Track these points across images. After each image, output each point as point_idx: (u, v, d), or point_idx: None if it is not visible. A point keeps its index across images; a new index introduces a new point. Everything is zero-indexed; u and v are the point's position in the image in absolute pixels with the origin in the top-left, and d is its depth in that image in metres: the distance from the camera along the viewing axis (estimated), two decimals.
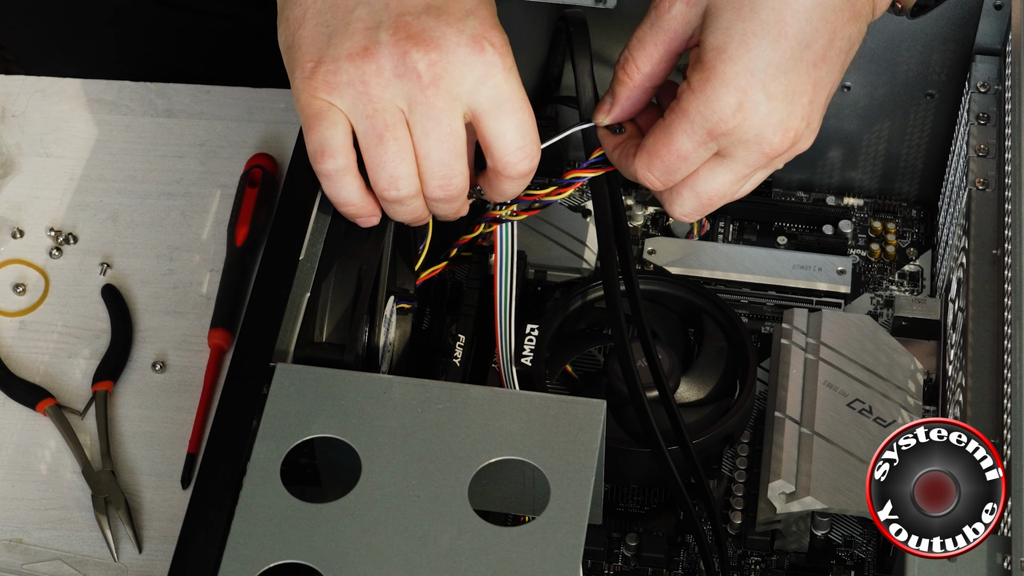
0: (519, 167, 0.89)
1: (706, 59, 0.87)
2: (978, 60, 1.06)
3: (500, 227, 0.97)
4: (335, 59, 0.87)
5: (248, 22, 1.37)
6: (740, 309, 1.10)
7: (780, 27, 0.86)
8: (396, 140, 0.88)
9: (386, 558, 0.79)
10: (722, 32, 0.86)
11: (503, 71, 0.87)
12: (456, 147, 0.88)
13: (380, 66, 0.86)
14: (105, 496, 1.03)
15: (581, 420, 0.84)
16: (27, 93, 1.24)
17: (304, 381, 0.86)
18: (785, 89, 0.87)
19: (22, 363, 1.10)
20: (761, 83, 0.86)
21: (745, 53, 0.86)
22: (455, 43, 0.86)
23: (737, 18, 0.86)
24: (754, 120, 0.87)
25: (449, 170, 0.89)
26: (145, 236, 1.16)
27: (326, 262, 0.93)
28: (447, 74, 0.86)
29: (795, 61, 0.87)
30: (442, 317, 1.10)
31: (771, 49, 0.86)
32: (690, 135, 0.88)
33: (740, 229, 1.15)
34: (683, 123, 0.87)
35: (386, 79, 0.86)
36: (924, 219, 1.16)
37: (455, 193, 0.90)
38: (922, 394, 1.02)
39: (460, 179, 0.90)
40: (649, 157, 0.89)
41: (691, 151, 0.88)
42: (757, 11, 0.86)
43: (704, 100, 0.87)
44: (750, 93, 0.86)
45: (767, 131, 0.88)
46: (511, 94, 0.88)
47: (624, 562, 1.00)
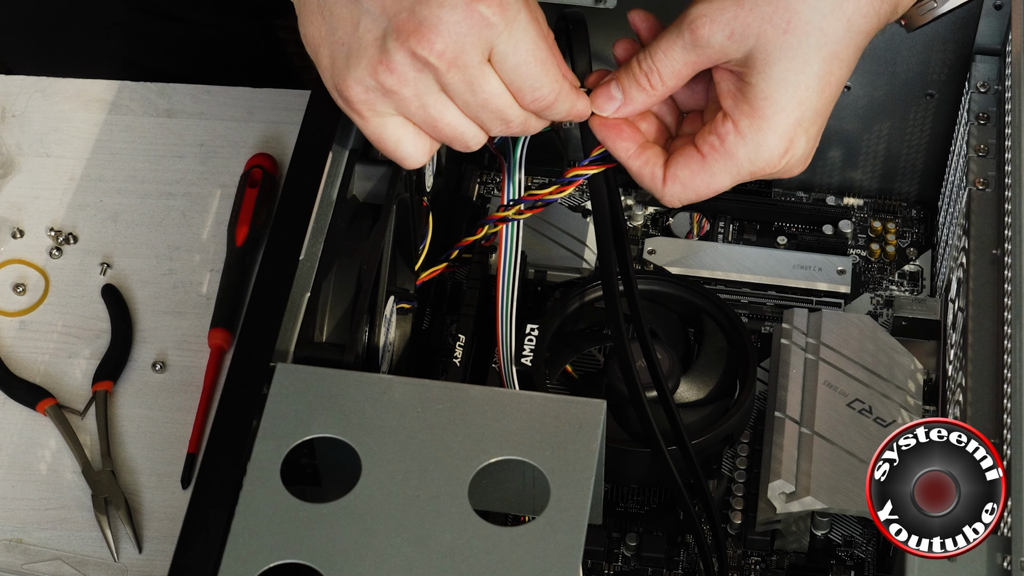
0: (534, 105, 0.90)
1: (758, 106, 0.88)
2: (978, 60, 1.06)
3: (506, 227, 0.97)
4: (359, 79, 0.88)
5: (236, 32, 1.38)
6: (740, 309, 1.10)
7: (828, 78, 0.88)
8: (449, 122, 0.90)
9: (386, 558, 0.79)
10: (775, 82, 0.87)
11: (504, 27, 0.87)
12: (498, 103, 0.89)
13: (400, 74, 0.87)
14: (105, 496, 1.03)
15: (581, 420, 0.84)
16: (27, 93, 1.24)
17: (304, 381, 0.86)
18: (818, 129, 0.90)
19: (22, 363, 1.10)
20: (804, 130, 0.89)
21: (797, 106, 0.88)
22: (451, 21, 0.86)
23: (791, 69, 0.87)
24: (792, 162, 0.89)
25: (503, 116, 0.90)
26: (145, 236, 1.16)
27: (326, 262, 0.93)
28: (457, 52, 0.87)
29: (829, 104, 0.90)
30: (442, 317, 1.10)
31: (818, 100, 0.88)
32: (732, 175, 0.89)
33: (740, 229, 1.15)
34: (728, 165, 0.89)
35: (411, 79, 0.88)
36: (924, 219, 1.16)
37: (517, 128, 0.91)
38: (922, 394, 1.02)
39: (518, 118, 0.91)
40: (683, 188, 0.90)
41: (727, 186, 0.90)
42: (809, 63, 0.87)
43: (754, 148, 0.88)
44: (796, 141, 0.88)
45: (796, 167, 0.91)
46: (516, 47, 0.88)
47: (624, 562, 1.00)
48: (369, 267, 0.93)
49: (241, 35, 1.39)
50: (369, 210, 0.97)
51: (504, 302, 0.96)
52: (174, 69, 1.35)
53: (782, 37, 0.87)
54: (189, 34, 1.36)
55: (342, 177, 0.96)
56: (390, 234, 0.95)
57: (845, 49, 0.88)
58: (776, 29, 0.87)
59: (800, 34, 0.87)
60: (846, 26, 0.87)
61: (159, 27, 1.35)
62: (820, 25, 0.87)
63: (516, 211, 0.97)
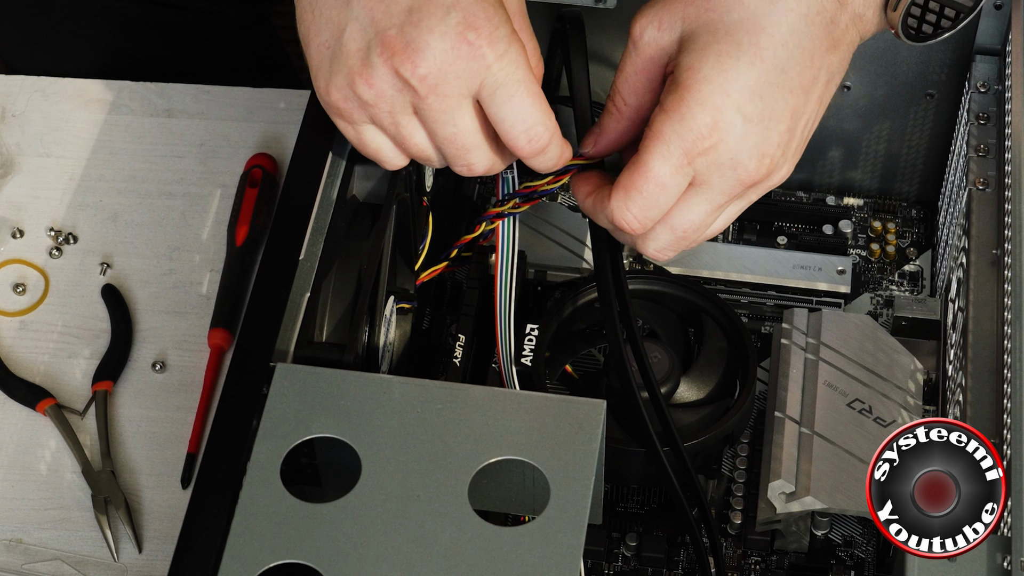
0: (529, 148, 0.89)
1: (680, 79, 0.86)
2: (978, 60, 1.06)
3: (502, 223, 0.97)
4: (339, 87, 0.88)
5: (231, 18, 1.37)
6: (740, 309, 1.10)
7: (755, 50, 0.85)
8: (416, 144, 0.90)
9: (386, 558, 0.79)
10: (696, 53, 0.86)
11: (495, 59, 0.86)
12: (465, 142, 0.89)
13: (379, 90, 0.87)
14: (105, 496, 1.03)
15: (581, 420, 0.84)
16: (27, 93, 1.24)
17: (304, 381, 0.86)
18: (761, 112, 0.86)
19: (22, 363, 1.10)
20: (736, 104, 0.85)
21: (720, 73, 0.85)
22: (439, 48, 0.85)
23: (712, 40, 0.86)
24: (729, 141, 0.85)
25: (466, 159, 0.89)
26: (145, 236, 1.16)
27: (326, 262, 0.93)
28: (440, 80, 0.86)
29: (771, 86, 0.86)
30: (442, 317, 1.10)
31: (747, 71, 0.85)
32: (666, 158, 0.86)
33: (740, 229, 1.15)
34: (658, 146, 0.86)
35: (389, 96, 0.87)
36: (924, 219, 1.16)
37: (480, 171, 0.90)
38: (922, 394, 1.02)
39: (481, 163, 0.90)
40: (626, 192, 0.87)
41: (669, 177, 0.86)
42: (732, 34, 0.85)
43: (679, 119, 0.85)
44: (725, 112, 0.85)
45: (742, 154, 0.86)
46: (505, 79, 0.87)
47: (624, 562, 1.00)
48: (369, 267, 0.93)
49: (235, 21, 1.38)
50: (369, 210, 0.97)
51: (503, 301, 0.96)
52: (166, 57, 1.35)
53: (705, 15, 0.86)
54: (179, 19, 1.35)
55: (342, 177, 0.96)
56: (390, 234, 0.95)
57: (775, 26, 0.86)
58: (698, 9, 0.86)
59: (721, 9, 0.86)
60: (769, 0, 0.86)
61: (148, 12, 1.34)
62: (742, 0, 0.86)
63: (512, 205, 0.97)
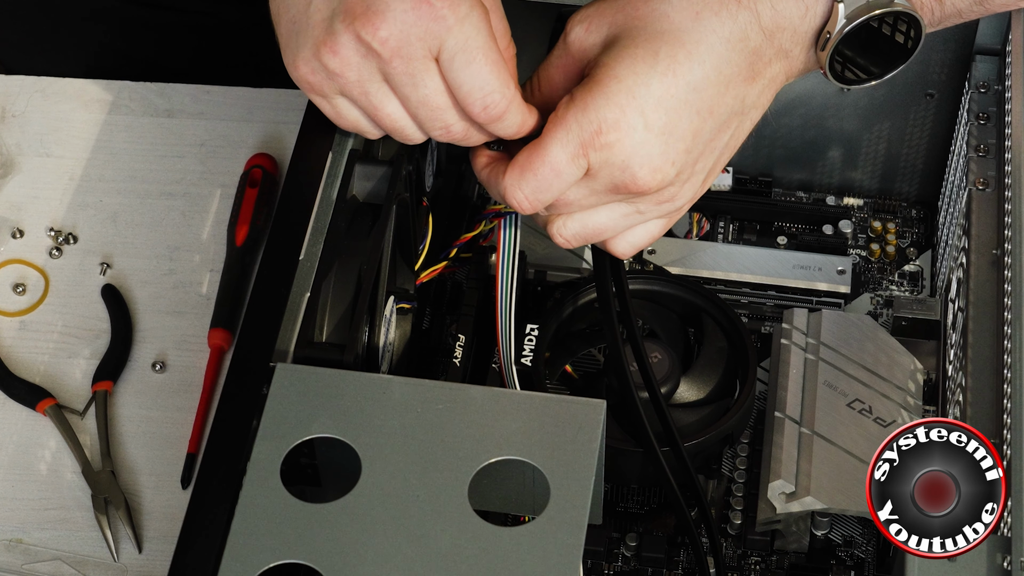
0: (484, 115, 0.89)
1: (593, 74, 0.87)
2: (978, 60, 1.06)
3: (503, 222, 0.97)
4: (306, 60, 0.89)
5: (226, 20, 1.37)
6: (740, 309, 1.10)
7: (671, 63, 0.86)
8: (389, 114, 0.90)
9: (386, 558, 0.79)
10: (615, 54, 0.87)
11: (455, 22, 0.86)
12: (439, 102, 0.89)
13: (343, 57, 0.87)
14: (105, 496, 1.03)
15: (581, 420, 0.84)
16: (27, 93, 1.24)
17: (304, 381, 0.86)
18: (663, 125, 0.86)
19: (22, 363, 1.10)
20: (640, 109, 0.86)
21: (632, 76, 0.86)
22: (399, 10, 0.86)
23: (632, 45, 0.86)
24: (626, 143, 0.86)
25: (442, 122, 0.89)
26: (145, 236, 1.16)
27: (326, 262, 0.93)
28: (401, 43, 0.86)
29: (679, 102, 0.86)
30: (442, 317, 1.10)
31: (658, 81, 0.86)
32: (564, 145, 0.86)
33: (740, 229, 1.15)
34: (559, 132, 0.86)
35: (355, 64, 0.88)
36: (924, 219, 1.16)
37: (459, 134, 0.90)
38: (922, 394, 1.02)
39: (457, 125, 0.90)
40: (521, 171, 0.87)
41: (564, 164, 0.86)
42: (652, 43, 0.86)
43: (583, 109, 0.86)
44: (627, 113, 0.85)
45: (635, 160, 0.86)
46: (465, 44, 0.87)
47: (624, 562, 1.00)
48: (369, 267, 0.93)
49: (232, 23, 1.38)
50: (369, 210, 0.97)
51: (503, 301, 0.96)
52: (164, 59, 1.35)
53: (632, 22, 0.87)
54: (178, 21, 1.35)
55: (342, 177, 0.96)
56: (390, 234, 0.95)
57: (696, 44, 0.86)
58: (627, 16, 0.87)
59: (647, 19, 0.87)
60: (694, 18, 0.86)
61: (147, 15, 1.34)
62: (667, 12, 0.86)
63: None
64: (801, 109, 1.12)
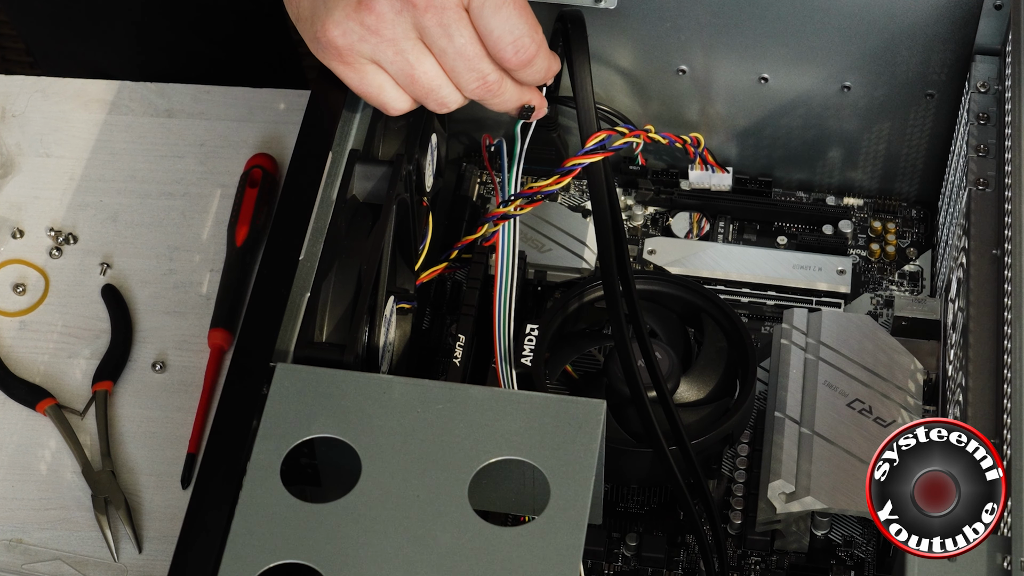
0: (516, 59, 0.92)
1: None
2: (978, 60, 1.05)
3: (504, 224, 0.97)
4: (338, 22, 0.90)
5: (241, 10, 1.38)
6: (740, 309, 1.10)
7: None
8: (426, 71, 0.92)
9: (386, 558, 0.79)
10: None
11: None
12: (475, 52, 0.91)
13: (379, 13, 0.89)
14: (105, 496, 1.03)
15: (581, 420, 0.84)
16: (27, 93, 1.24)
17: (304, 381, 0.86)
18: None
19: (22, 363, 1.10)
20: None
21: None
22: None
23: None
24: None
25: (478, 73, 0.92)
26: (145, 236, 1.16)
27: (326, 262, 0.93)
28: None
29: None
30: (442, 317, 1.10)
31: None
32: None
33: (740, 229, 1.15)
34: None
35: (390, 20, 0.89)
36: (924, 219, 1.16)
37: (494, 83, 0.93)
38: (922, 394, 1.02)
39: (493, 75, 0.93)
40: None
41: None
42: None
43: None
44: None
45: None
46: None
47: (624, 562, 1.00)
48: (369, 267, 0.93)
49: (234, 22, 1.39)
50: (369, 210, 0.97)
51: (502, 301, 0.96)
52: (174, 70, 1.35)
53: None
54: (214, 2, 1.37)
55: (342, 177, 0.96)
56: (390, 234, 0.95)
57: None
58: None
59: None
60: None
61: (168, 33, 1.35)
62: None
63: (516, 206, 0.97)
64: (801, 109, 1.12)
